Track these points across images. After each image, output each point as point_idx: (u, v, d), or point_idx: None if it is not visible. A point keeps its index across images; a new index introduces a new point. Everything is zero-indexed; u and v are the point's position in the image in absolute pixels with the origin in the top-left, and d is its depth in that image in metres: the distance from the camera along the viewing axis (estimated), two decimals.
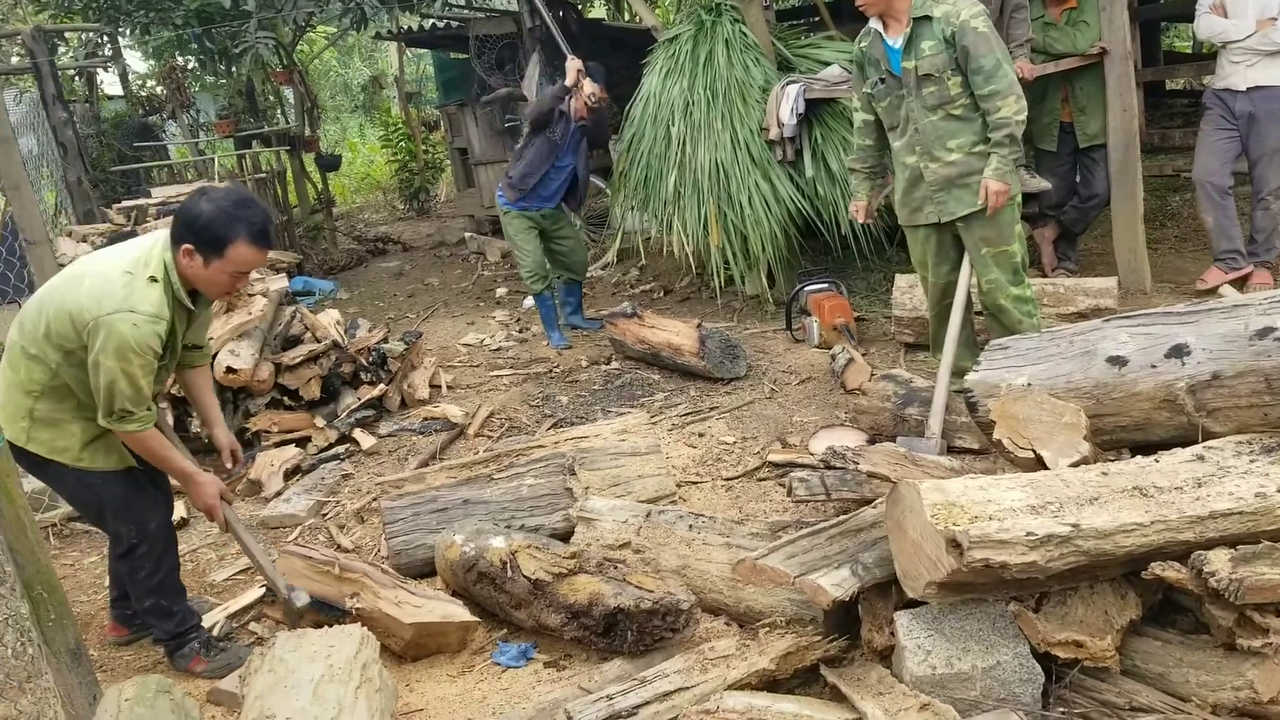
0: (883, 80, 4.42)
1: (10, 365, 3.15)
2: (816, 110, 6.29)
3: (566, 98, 6.44)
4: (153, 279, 3.02)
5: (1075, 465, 2.87)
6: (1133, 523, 2.47)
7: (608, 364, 6.21)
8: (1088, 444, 2.99)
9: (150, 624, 3.48)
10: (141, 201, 7.44)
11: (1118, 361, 3.20)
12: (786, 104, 6.17)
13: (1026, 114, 4.22)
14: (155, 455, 3.19)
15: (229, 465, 3.59)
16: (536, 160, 6.49)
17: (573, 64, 6.45)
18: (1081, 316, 4.86)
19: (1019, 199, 4.44)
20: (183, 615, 3.47)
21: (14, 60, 11.15)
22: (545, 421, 5.36)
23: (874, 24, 4.38)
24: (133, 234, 6.14)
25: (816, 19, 8.41)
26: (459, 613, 3.30)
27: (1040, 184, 5.37)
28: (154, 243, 3.11)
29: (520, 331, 7.30)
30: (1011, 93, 4.15)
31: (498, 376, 6.27)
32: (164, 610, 3.41)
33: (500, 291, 8.63)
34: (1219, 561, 2.40)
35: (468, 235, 10.81)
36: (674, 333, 5.79)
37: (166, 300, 3.04)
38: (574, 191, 6.70)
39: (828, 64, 6.54)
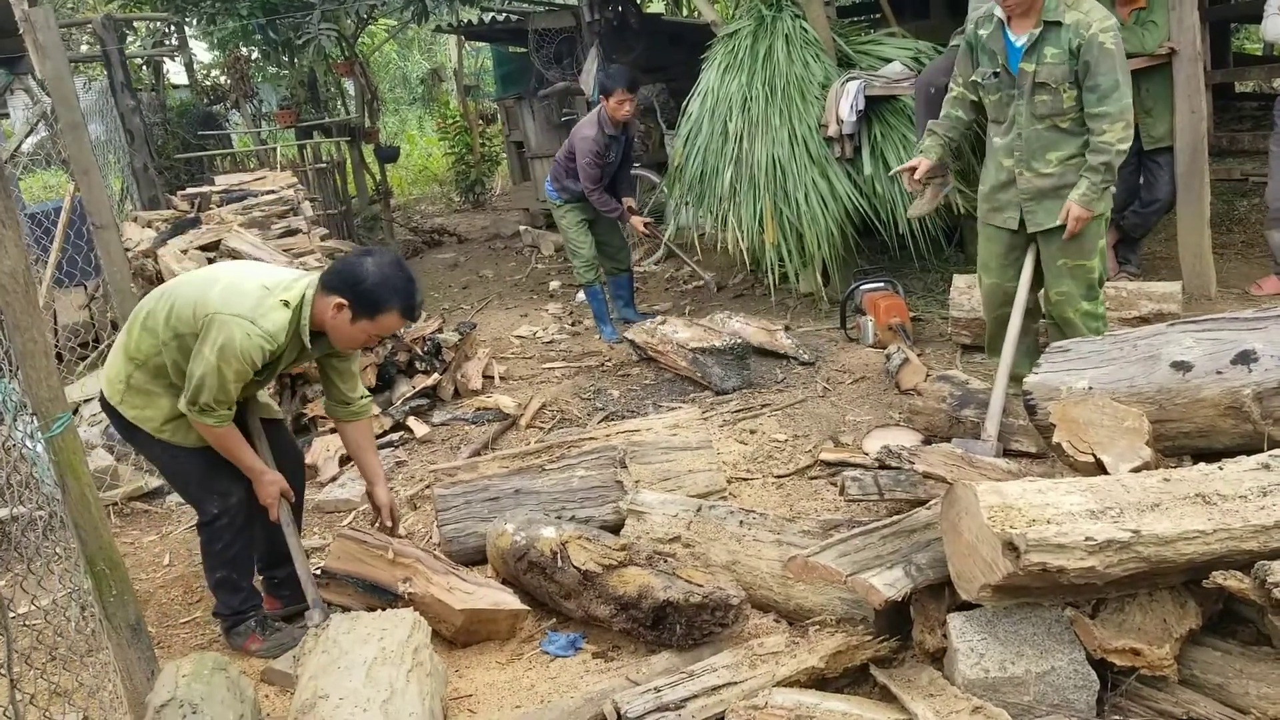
0: (996, 74, 4.25)
1: (127, 330, 3.32)
2: (876, 107, 6.24)
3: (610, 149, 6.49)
4: (285, 304, 3.15)
5: (1136, 471, 2.83)
6: (1194, 530, 2.43)
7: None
8: (1149, 450, 2.94)
9: (216, 596, 3.55)
10: (205, 189, 7.56)
11: (1182, 367, 3.15)
12: (846, 101, 6.13)
13: (1130, 143, 4.07)
14: (226, 449, 3.29)
15: (387, 524, 3.69)
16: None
17: (636, 222, 6.70)
18: (1144, 321, 4.78)
19: (1107, 215, 4.32)
20: (248, 593, 3.55)
21: (84, 49, 11.40)
22: (597, 414, 5.38)
23: (998, 11, 4.18)
24: (196, 220, 6.25)
25: (878, 15, 8.33)
26: (510, 600, 3.32)
27: None
28: (301, 276, 3.27)
29: (573, 325, 7.32)
30: (1122, 119, 3.99)
31: (550, 369, 6.30)
32: (233, 585, 3.50)
33: (554, 285, 8.66)
34: None
35: (522, 228, 10.87)
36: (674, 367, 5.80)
37: (289, 329, 3.16)
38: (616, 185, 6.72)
39: (889, 61, 6.48)
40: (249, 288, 3.15)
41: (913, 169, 4.57)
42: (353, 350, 3.44)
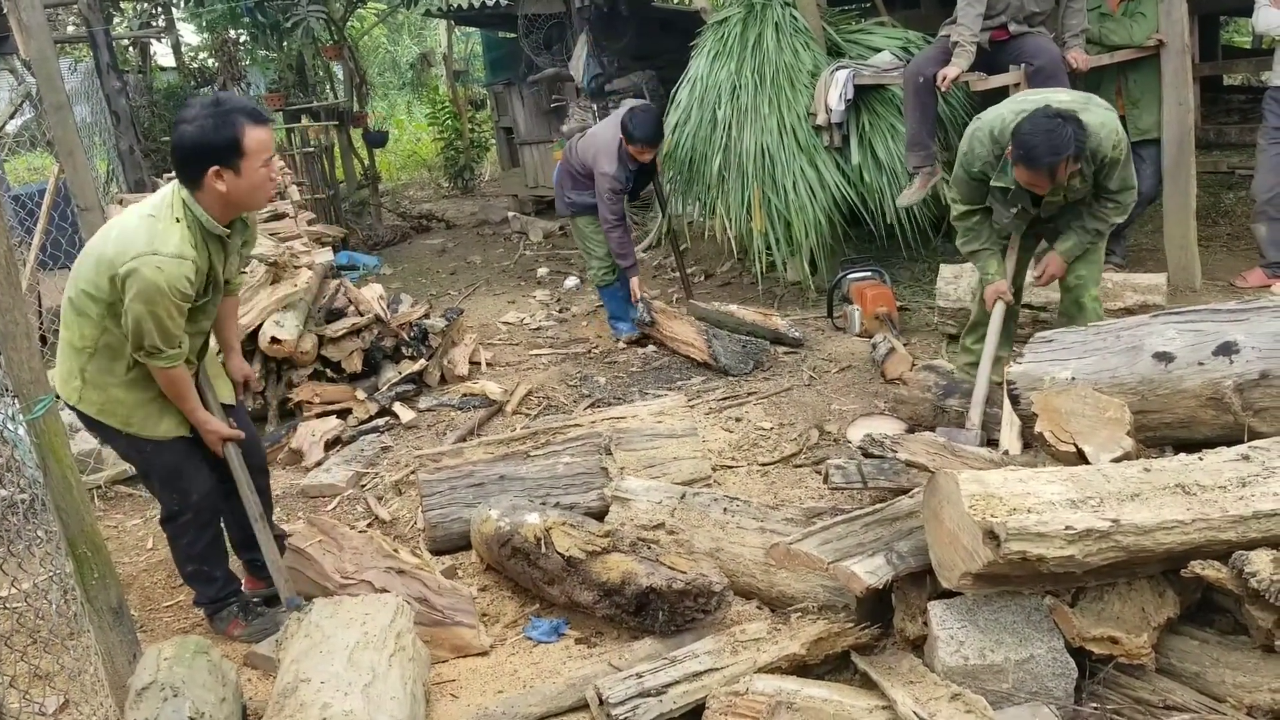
0: (1016, 209, 4.23)
1: (64, 324, 3.21)
2: (865, 97, 6.24)
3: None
4: (176, 219, 3.03)
5: (1117, 461, 2.84)
6: (1174, 520, 2.45)
7: (644, 347, 6.21)
8: (1131, 440, 2.95)
9: (192, 588, 3.55)
10: None
11: (1164, 358, 3.15)
12: (835, 90, 6.12)
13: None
14: (175, 393, 3.20)
15: (240, 395, 3.66)
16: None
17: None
18: (1129, 312, 4.79)
19: None
20: (223, 581, 3.53)
21: (70, 29, 11.31)
22: (583, 401, 5.38)
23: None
24: None
25: (868, 4, 8.33)
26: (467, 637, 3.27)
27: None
28: (171, 187, 3.13)
29: (560, 311, 7.32)
30: (1127, 207, 4.17)
31: (537, 355, 6.30)
32: (205, 576, 3.48)
33: (541, 271, 8.65)
34: (1260, 562, 2.37)
35: (511, 214, 10.84)
36: (686, 340, 5.85)
37: (193, 238, 3.03)
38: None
39: (878, 50, 6.48)
40: (134, 224, 3.02)
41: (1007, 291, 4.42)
42: (267, 199, 3.25)
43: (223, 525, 3.58)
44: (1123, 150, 4.01)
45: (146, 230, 2.99)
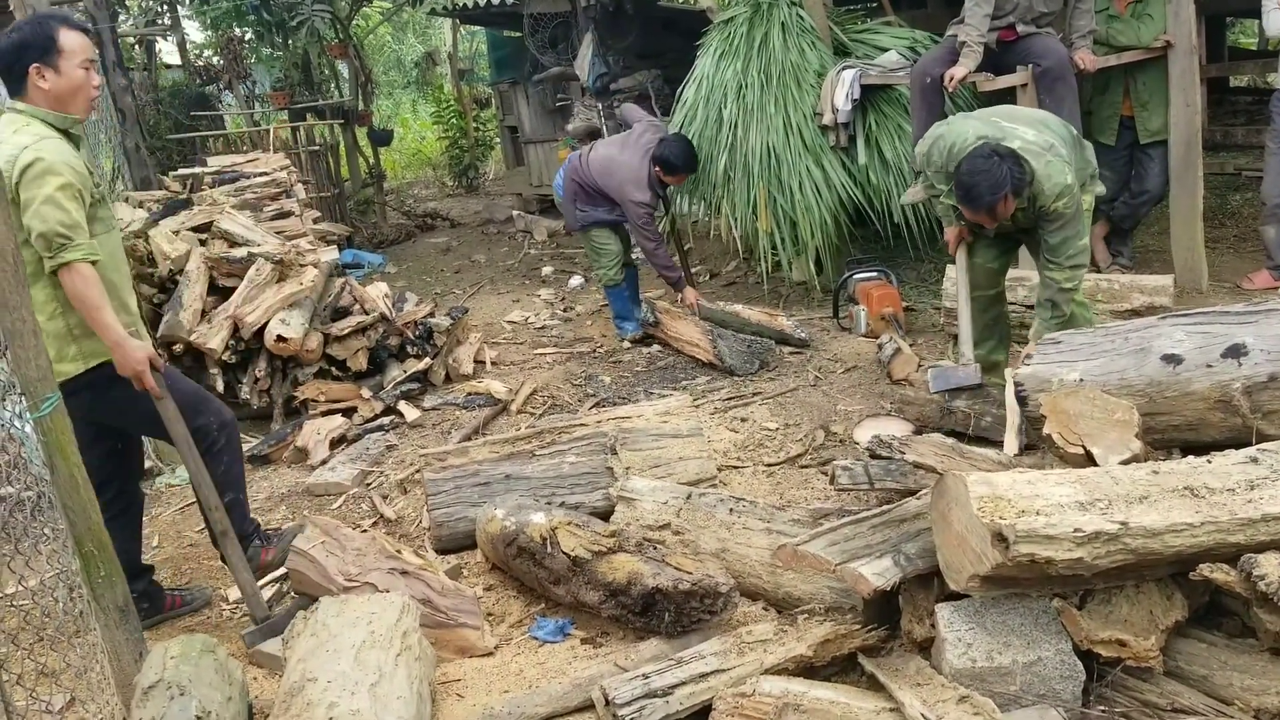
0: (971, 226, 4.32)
1: (33, 305, 3.15)
2: (871, 96, 6.23)
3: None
4: (25, 126, 3.13)
5: (1125, 463, 2.83)
6: (1182, 523, 2.44)
7: (649, 346, 6.21)
8: (1139, 442, 2.94)
9: (231, 522, 3.50)
10: (197, 170, 7.52)
11: (1173, 360, 3.15)
12: (842, 89, 6.11)
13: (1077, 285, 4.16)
14: (89, 302, 3.10)
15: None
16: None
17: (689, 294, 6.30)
18: (1136, 314, 4.78)
19: (1093, 206, 4.31)
20: (248, 514, 3.76)
21: None
22: (587, 401, 5.38)
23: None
24: (188, 202, 6.22)
25: (875, 4, 8.32)
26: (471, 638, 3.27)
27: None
28: (6, 107, 3.23)
29: (565, 310, 7.31)
30: (1076, 274, 4.09)
31: (541, 354, 6.29)
32: (241, 505, 3.64)
33: (546, 270, 8.65)
34: (1269, 565, 2.37)
35: (515, 213, 10.84)
36: (691, 340, 5.86)
37: (47, 130, 3.13)
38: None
39: (885, 50, 6.47)
40: (2, 144, 3.09)
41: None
42: (88, 106, 3.27)
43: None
44: (1068, 207, 3.94)
45: (9, 141, 3.08)
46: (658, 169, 6.05)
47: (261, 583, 3.80)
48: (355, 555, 3.46)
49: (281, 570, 3.87)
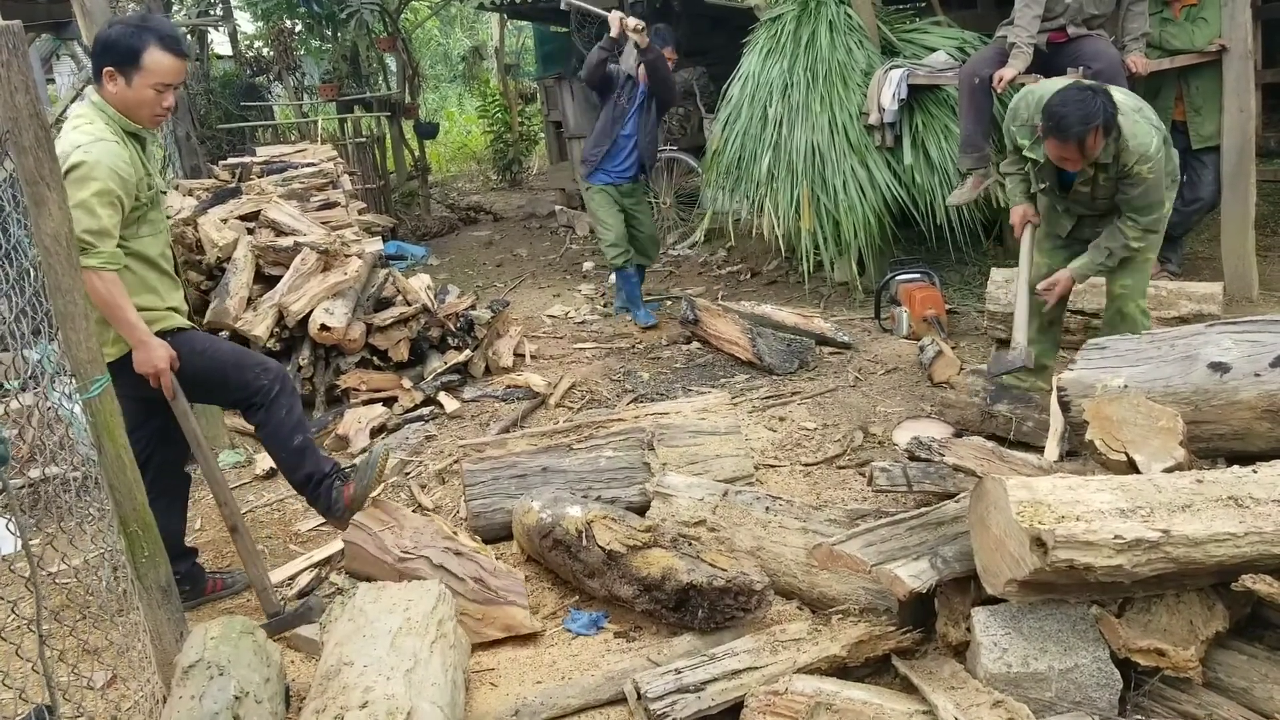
0: (1045, 185, 4.25)
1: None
2: (919, 96, 6.18)
3: (614, 50, 6.40)
4: (92, 121, 3.14)
5: (1169, 471, 2.79)
6: (1225, 533, 2.40)
7: (689, 343, 6.20)
8: (1183, 450, 2.90)
9: (303, 465, 3.59)
10: (246, 159, 7.63)
11: (1220, 368, 3.10)
12: (889, 89, 6.08)
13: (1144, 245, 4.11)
14: (110, 304, 3.10)
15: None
16: (603, 128, 6.54)
17: (613, 16, 6.32)
18: (1183, 321, 4.72)
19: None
20: (320, 453, 3.69)
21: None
22: (626, 396, 5.39)
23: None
24: (237, 190, 6.30)
25: (924, 3, 8.25)
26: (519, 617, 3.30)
27: None
28: (88, 93, 3.24)
29: (605, 306, 7.33)
30: (1154, 232, 4.08)
31: (581, 349, 6.31)
32: (311, 446, 3.61)
33: (587, 265, 8.67)
34: None
35: (558, 208, 10.88)
36: (730, 338, 5.85)
37: (110, 130, 3.13)
38: (643, 164, 6.64)
39: (933, 50, 6.42)
40: (62, 136, 3.10)
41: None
42: (151, 121, 3.26)
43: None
44: (1151, 172, 3.91)
45: (69, 135, 3.10)
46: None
47: (299, 569, 3.86)
48: (413, 533, 3.53)
49: (324, 553, 3.92)
